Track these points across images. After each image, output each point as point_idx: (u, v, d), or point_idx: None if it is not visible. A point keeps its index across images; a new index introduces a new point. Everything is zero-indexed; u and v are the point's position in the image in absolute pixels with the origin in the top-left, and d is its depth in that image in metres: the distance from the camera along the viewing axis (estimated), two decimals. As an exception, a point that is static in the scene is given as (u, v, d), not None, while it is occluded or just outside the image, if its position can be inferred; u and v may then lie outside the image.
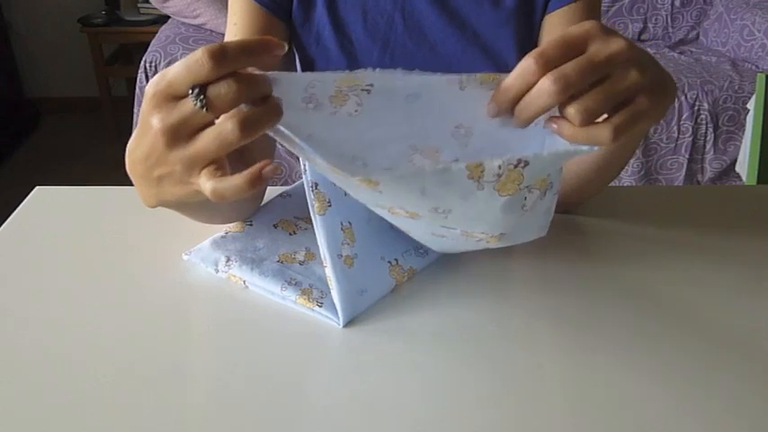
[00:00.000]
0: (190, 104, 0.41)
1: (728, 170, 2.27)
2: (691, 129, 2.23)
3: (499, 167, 0.46)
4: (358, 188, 0.48)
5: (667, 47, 2.61)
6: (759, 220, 0.79)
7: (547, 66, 0.43)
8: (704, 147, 2.26)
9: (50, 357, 0.58)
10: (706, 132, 2.24)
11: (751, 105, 1.49)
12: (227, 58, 0.40)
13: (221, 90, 0.40)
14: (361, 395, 0.54)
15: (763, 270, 0.70)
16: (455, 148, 0.51)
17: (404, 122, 0.49)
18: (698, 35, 2.70)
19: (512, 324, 0.62)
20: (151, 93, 0.42)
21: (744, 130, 2.11)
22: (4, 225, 0.76)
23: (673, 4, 2.67)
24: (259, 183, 0.42)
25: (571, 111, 0.44)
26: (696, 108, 2.22)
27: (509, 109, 0.46)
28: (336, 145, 0.48)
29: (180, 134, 0.43)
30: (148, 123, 0.43)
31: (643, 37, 2.70)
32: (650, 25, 2.69)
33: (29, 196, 0.82)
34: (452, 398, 0.54)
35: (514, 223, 0.53)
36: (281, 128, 0.45)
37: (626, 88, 0.44)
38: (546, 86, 0.43)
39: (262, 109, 0.42)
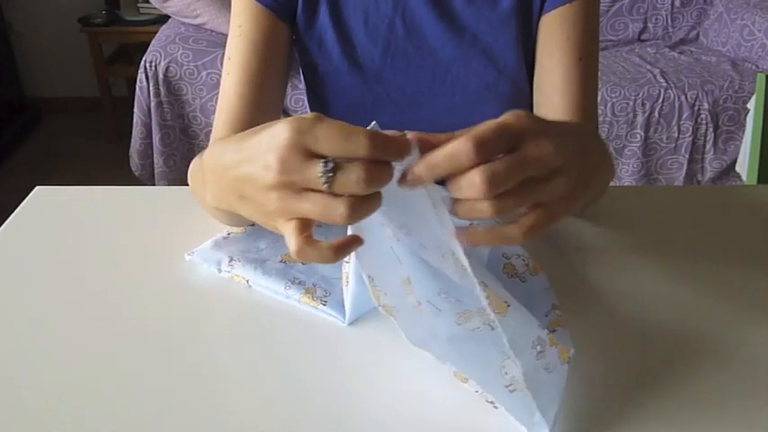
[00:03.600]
0: (315, 174, 0.40)
1: (728, 170, 2.27)
2: (691, 129, 2.23)
3: (476, 392, 0.50)
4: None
5: (667, 47, 2.60)
6: (759, 220, 0.79)
7: (486, 156, 0.42)
8: (704, 147, 2.26)
9: (50, 357, 0.58)
10: (706, 132, 2.24)
11: (751, 105, 1.49)
12: (379, 150, 0.39)
13: (351, 178, 0.40)
14: (364, 392, 0.54)
15: (764, 270, 0.70)
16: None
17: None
18: (698, 35, 2.70)
19: (512, 324, 0.62)
20: (289, 135, 0.41)
21: (744, 130, 2.11)
22: (4, 225, 0.76)
23: (673, 4, 2.67)
24: (343, 254, 0.42)
25: (488, 205, 0.43)
26: (696, 108, 2.22)
27: (427, 183, 0.44)
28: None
29: (290, 188, 0.42)
30: (267, 157, 0.42)
31: (643, 37, 2.70)
32: (650, 25, 2.69)
33: (29, 196, 0.82)
34: (455, 397, 0.54)
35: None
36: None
37: (547, 194, 0.44)
38: (475, 184, 0.41)
39: (372, 200, 0.41)
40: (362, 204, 0.41)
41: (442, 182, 0.44)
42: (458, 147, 0.41)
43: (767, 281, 0.68)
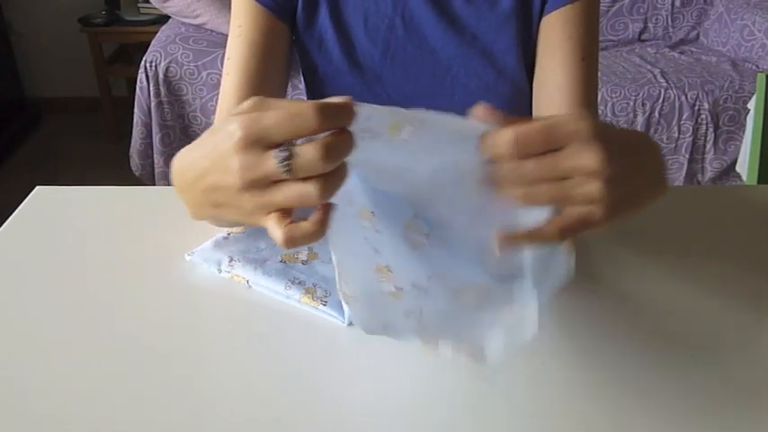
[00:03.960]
0: (273, 163, 0.40)
1: (728, 170, 2.27)
2: (691, 129, 2.23)
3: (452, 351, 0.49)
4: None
5: (667, 47, 2.60)
6: (759, 220, 0.79)
7: (521, 151, 0.43)
8: (704, 147, 2.26)
9: (50, 357, 0.58)
10: (706, 132, 2.24)
11: (751, 105, 1.48)
12: (330, 119, 0.39)
13: (309, 159, 0.40)
14: (365, 392, 0.54)
15: (764, 269, 0.70)
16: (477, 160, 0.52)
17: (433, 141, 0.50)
18: (698, 35, 2.70)
19: (512, 324, 0.62)
20: (240, 134, 0.40)
21: (744, 130, 2.11)
22: (4, 225, 0.76)
23: (673, 4, 2.67)
24: (327, 226, 0.42)
25: (519, 192, 0.45)
26: (696, 108, 2.21)
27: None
28: (381, 162, 0.49)
29: (258, 185, 0.42)
30: (226, 162, 0.42)
31: (643, 37, 2.70)
32: (650, 25, 2.69)
33: (29, 196, 0.82)
34: (455, 397, 0.54)
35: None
36: None
37: (579, 197, 0.44)
38: (507, 139, 0.43)
39: (339, 172, 0.41)
40: (331, 178, 0.41)
41: None
42: (503, 135, 0.43)
43: (767, 280, 0.68)
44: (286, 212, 0.43)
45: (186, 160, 0.48)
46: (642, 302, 0.65)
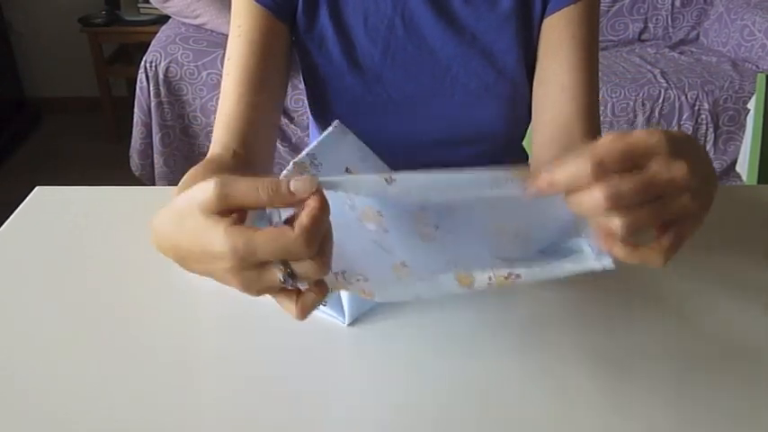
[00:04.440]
0: (276, 281, 0.41)
1: (728, 170, 2.27)
2: (691, 129, 2.23)
3: (489, 279, 0.48)
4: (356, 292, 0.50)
5: (667, 47, 2.60)
6: (759, 220, 0.79)
7: (602, 176, 0.41)
8: (704, 147, 2.26)
9: (50, 357, 0.58)
10: (706, 132, 2.24)
11: (751, 105, 1.48)
12: (318, 237, 0.40)
13: (309, 271, 0.41)
14: (365, 392, 0.54)
15: (764, 269, 0.70)
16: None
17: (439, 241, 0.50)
18: (698, 35, 2.70)
19: (514, 323, 0.62)
20: (233, 263, 0.41)
21: (744, 130, 2.11)
22: (4, 225, 0.76)
23: (673, 4, 2.67)
24: (326, 287, 0.44)
25: (617, 222, 0.42)
26: (696, 108, 2.22)
27: (547, 194, 0.44)
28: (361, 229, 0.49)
29: (263, 293, 0.43)
30: (224, 277, 0.42)
31: (643, 37, 2.70)
32: (650, 25, 2.69)
33: (29, 196, 0.82)
34: (455, 397, 0.54)
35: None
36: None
37: (676, 212, 0.43)
38: (597, 200, 0.41)
39: (328, 251, 0.42)
40: (327, 261, 0.42)
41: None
42: (578, 165, 0.41)
43: (767, 280, 0.68)
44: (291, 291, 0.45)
45: (167, 241, 0.46)
46: (642, 301, 0.65)
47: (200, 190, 0.42)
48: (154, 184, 2.39)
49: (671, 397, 0.54)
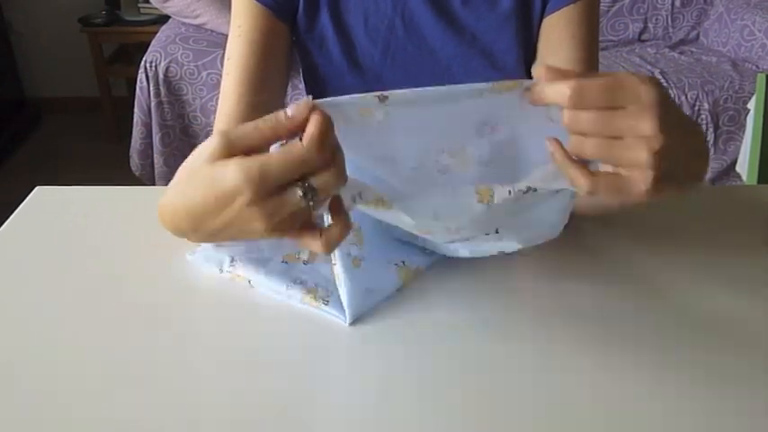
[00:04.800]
0: (298, 200, 0.41)
1: (728, 170, 2.27)
2: (691, 129, 2.23)
3: (509, 193, 0.49)
4: (375, 211, 0.50)
5: (667, 47, 2.60)
6: (759, 220, 0.79)
7: (578, 103, 0.44)
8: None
9: (50, 357, 0.58)
10: (706, 132, 2.24)
11: (751, 105, 1.48)
12: (326, 145, 0.41)
13: (329, 182, 0.41)
14: (366, 392, 0.54)
15: (763, 269, 0.70)
16: (482, 145, 0.52)
17: (428, 127, 0.50)
18: (698, 35, 2.70)
19: (515, 323, 0.62)
20: (250, 193, 0.40)
21: (744, 130, 2.10)
22: (4, 225, 0.76)
23: (673, 4, 2.67)
24: (348, 222, 0.45)
25: (570, 140, 0.46)
26: (696, 108, 2.21)
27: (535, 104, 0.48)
28: (366, 147, 0.49)
29: (285, 221, 0.42)
30: (244, 215, 0.41)
31: (643, 37, 2.70)
32: (650, 25, 2.69)
33: (29, 196, 0.82)
34: (456, 396, 0.54)
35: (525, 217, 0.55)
36: None
37: (627, 158, 0.45)
38: (564, 117, 0.45)
39: (340, 158, 0.43)
40: (342, 168, 0.43)
41: None
42: (563, 86, 0.44)
43: (766, 280, 0.68)
44: (312, 223, 0.45)
45: (180, 209, 0.46)
46: (642, 301, 0.65)
47: (204, 146, 0.42)
48: (154, 184, 2.39)
49: (670, 391, 0.54)
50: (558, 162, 0.47)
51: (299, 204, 0.41)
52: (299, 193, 0.40)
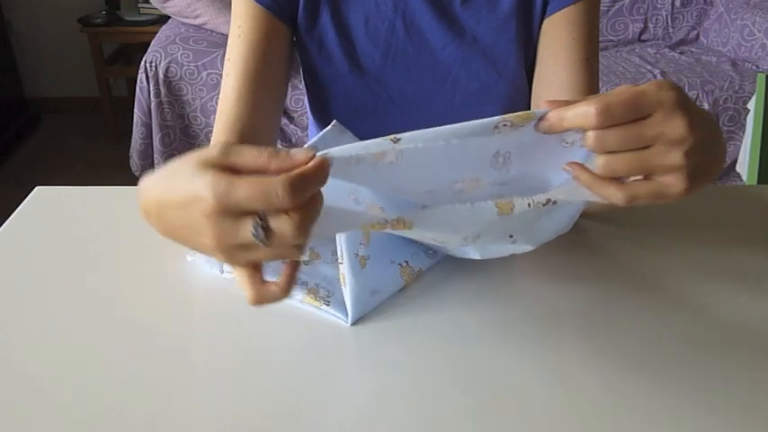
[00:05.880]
0: (247, 233, 0.40)
1: (728, 170, 2.27)
2: (691, 129, 2.23)
3: (529, 206, 0.49)
4: (393, 230, 0.49)
5: (667, 47, 2.60)
6: (759, 220, 0.79)
7: (606, 122, 0.44)
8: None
9: (50, 357, 0.58)
10: (706, 132, 2.23)
11: (751, 105, 1.48)
12: (302, 191, 0.39)
13: (285, 229, 0.39)
14: (367, 392, 0.54)
15: (763, 269, 0.70)
16: (495, 175, 0.52)
17: (441, 163, 0.50)
18: (698, 35, 2.70)
19: (516, 323, 0.62)
20: (212, 203, 0.39)
21: (744, 130, 2.11)
22: (4, 225, 0.76)
23: (673, 4, 2.67)
24: (292, 287, 0.45)
25: (599, 161, 0.45)
26: (696, 108, 2.21)
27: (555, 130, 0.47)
28: (379, 181, 0.49)
29: (232, 248, 0.42)
30: (199, 225, 0.41)
31: (643, 37, 2.70)
32: (650, 25, 2.69)
33: (29, 196, 0.82)
34: (457, 397, 0.54)
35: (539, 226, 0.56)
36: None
37: (661, 165, 0.45)
38: (588, 137, 0.45)
39: (313, 211, 0.41)
40: (306, 226, 0.40)
41: None
42: (585, 107, 0.44)
43: (767, 280, 0.68)
44: (258, 269, 0.45)
45: (156, 190, 0.46)
46: (643, 301, 0.65)
47: (203, 150, 0.42)
48: (154, 184, 2.38)
49: (671, 390, 0.54)
50: (586, 183, 0.47)
51: (247, 237, 0.40)
52: (251, 226, 0.39)
